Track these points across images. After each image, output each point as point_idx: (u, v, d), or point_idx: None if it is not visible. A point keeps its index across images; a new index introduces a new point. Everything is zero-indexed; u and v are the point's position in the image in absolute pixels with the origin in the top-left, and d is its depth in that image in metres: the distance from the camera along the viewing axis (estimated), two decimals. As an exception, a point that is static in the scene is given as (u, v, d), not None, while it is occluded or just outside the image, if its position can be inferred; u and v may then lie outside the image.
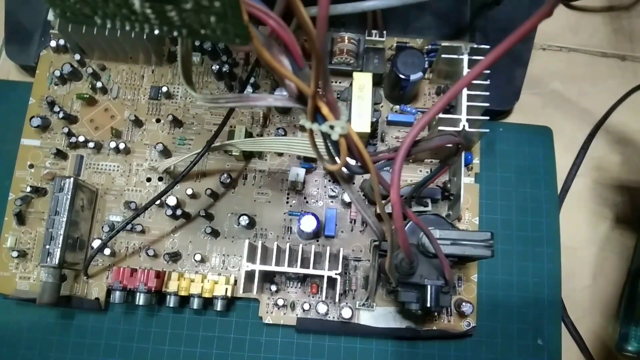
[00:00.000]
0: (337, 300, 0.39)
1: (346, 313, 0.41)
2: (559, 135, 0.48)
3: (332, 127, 0.23)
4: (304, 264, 0.39)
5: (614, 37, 0.52)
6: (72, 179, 0.39)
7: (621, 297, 0.45)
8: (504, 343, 0.43)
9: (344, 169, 0.26)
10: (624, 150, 0.49)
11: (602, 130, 0.49)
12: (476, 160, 0.45)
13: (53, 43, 0.45)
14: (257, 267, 0.38)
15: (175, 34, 0.18)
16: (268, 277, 0.42)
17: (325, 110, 0.22)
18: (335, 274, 0.38)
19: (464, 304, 0.41)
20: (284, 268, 0.38)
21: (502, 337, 0.43)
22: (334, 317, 0.42)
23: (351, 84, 0.40)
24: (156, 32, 0.18)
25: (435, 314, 0.42)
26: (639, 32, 0.52)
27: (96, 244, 0.42)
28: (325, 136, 0.24)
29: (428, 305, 0.34)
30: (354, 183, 0.44)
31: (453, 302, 0.42)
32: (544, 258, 0.45)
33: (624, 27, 0.52)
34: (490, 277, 0.44)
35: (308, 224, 0.40)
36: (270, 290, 0.42)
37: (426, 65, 0.42)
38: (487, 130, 0.40)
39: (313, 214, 0.41)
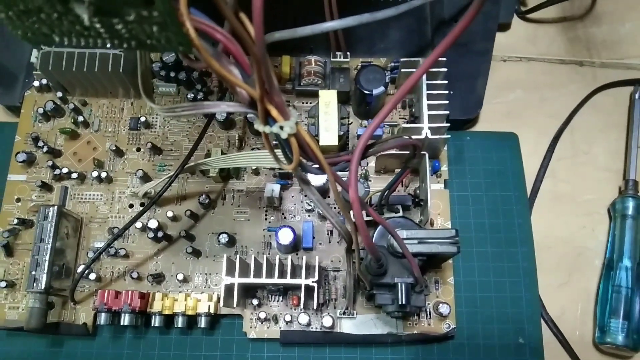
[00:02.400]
0: (314, 307, 0.40)
1: (327, 322, 0.42)
2: (525, 140, 0.50)
3: (282, 128, 0.25)
4: (283, 276, 0.41)
5: (570, 45, 0.54)
6: (55, 208, 0.41)
7: (597, 291, 0.46)
8: (486, 344, 0.44)
9: (301, 170, 0.28)
10: (589, 149, 0.51)
11: (566, 132, 0.51)
12: (444, 168, 0.47)
13: (36, 83, 0.47)
14: (236, 280, 0.39)
15: (125, 46, 0.20)
16: (250, 293, 0.43)
17: (274, 112, 0.24)
18: (312, 281, 0.39)
19: (441, 304, 0.42)
20: (262, 280, 0.40)
21: (484, 338, 0.44)
22: (316, 328, 0.43)
23: (318, 102, 0.43)
24: (108, 45, 0.20)
25: (416, 317, 0.43)
26: (594, 39, 0.55)
27: (81, 268, 0.43)
28: (278, 137, 0.26)
29: (400, 302, 0.35)
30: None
31: (431, 305, 0.43)
32: (518, 258, 0.46)
33: (579, 36, 0.55)
34: (467, 280, 0.45)
35: (285, 236, 0.42)
36: (253, 305, 0.43)
37: (388, 80, 0.44)
38: (449, 136, 0.42)
39: (290, 227, 0.42)
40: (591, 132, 0.51)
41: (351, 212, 0.29)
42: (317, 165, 0.29)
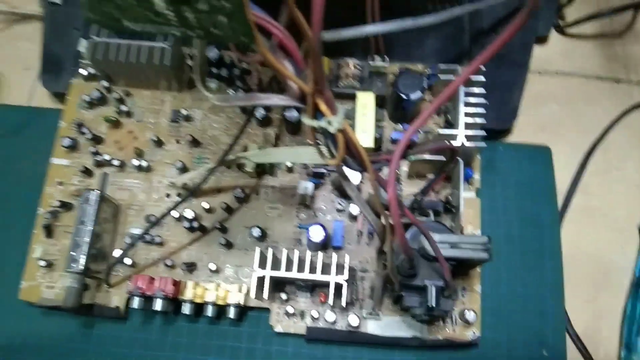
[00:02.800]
0: (343, 305, 0.40)
1: (353, 320, 0.42)
2: (558, 154, 0.50)
3: (329, 123, 0.26)
4: (312, 272, 0.41)
5: (608, 62, 0.54)
6: (97, 192, 0.42)
7: (624, 309, 0.46)
8: (510, 354, 0.44)
9: (343, 166, 0.29)
10: (622, 166, 0.51)
11: (600, 148, 0.51)
12: (476, 176, 0.47)
13: (83, 72, 0.49)
14: (268, 272, 0.40)
15: (190, 34, 0.21)
16: (279, 287, 0.44)
17: (323, 107, 0.25)
18: (343, 279, 0.40)
19: (467, 311, 0.42)
20: (293, 274, 0.40)
21: (508, 348, 0.44)
22: (341, 327, 0.44)
23: (355, 103, 0.44)
24: (176, 33, 0.21)
25: (441, 321, 0.43)
26: (633, 57, 0.55)
27: (117, 254, 0.44)
28: (324, 132, 0.27)
29: (429, 304, 0.36)
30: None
31: (457, 312, 0.43)
32: (546, 271, 0.46)
33: (617, 53, 0.55)
34: (494, 290, 0.46)
35: (316, 233, 0.43)
36: (281, 299, 0.44)
37: (425, 86, 0.45)
38: (484, 144, 0.42)
39: (321, 224, 0.43)
40: (624, 150, 0.51)
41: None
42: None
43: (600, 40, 0.55)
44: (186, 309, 0.43)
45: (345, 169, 0.43)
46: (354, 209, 0.45)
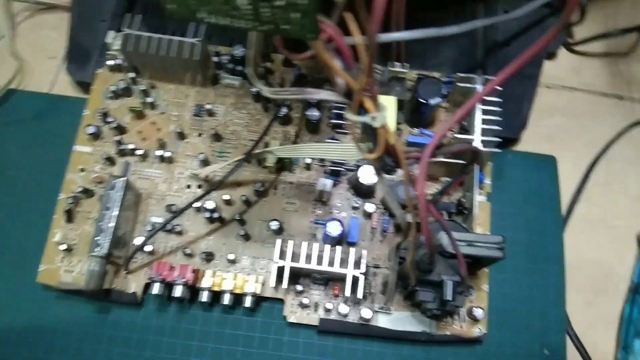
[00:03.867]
0: (360, 296, 0.42)
1: (366, 313, 0.44)
2: (563, 164, 0.52)
3: (373, 119, 0.27)
4: (330, 265, 0.43)
5: (613, 80, 0.57)
6: (124, 179, 0.44)
7: (622, 312, 0.48)
8: (513, 352, 0.46)
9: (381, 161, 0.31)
10: (624, 179, 0.53)
11: (603, 160, 0.53)
12: (488, 181, 0.49)
13: (110, 62, 0.50)
14: (288, 263, 0.41)
15: (260, 28, 0.23)
16: (294, 279, 0.46)
17: (368, 103, 0.27)
18: (359, 272, 0.41)
19: (475, 309, 0.44)
20: (313, 266, 0.42)
21: (511, 347, 0.46)
22: (354, 320, 0.45)
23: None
24: (245, 26, 0.23)
25: (449, 318, 0.45)
26: (636, 76, 0.57)
27: (137, 241, 0.45)
28: (366, 127, 0.28)
29: (445, 298, 0.37)
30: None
31: (466, 309, 0.45)
32: (549, 274, 0.48)
33: (622, 71, 0.57)
34: (500, 290, 0.48)
35: (334, 228, 0.44)
36: (296, 290, 0.45)
37: (445, 93, 0.47)
38: (499, 149, 0.45)
39: (338, 220, 0.45)
40: (626, 163, 0.54)
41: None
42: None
43: (606, 59, 0.58)
44: (204, 296, 0.44)
45: (362, 168, 0.45)
46: (369, 206, 0.47)
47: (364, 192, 0.47)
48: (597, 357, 0.47)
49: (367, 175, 0.45)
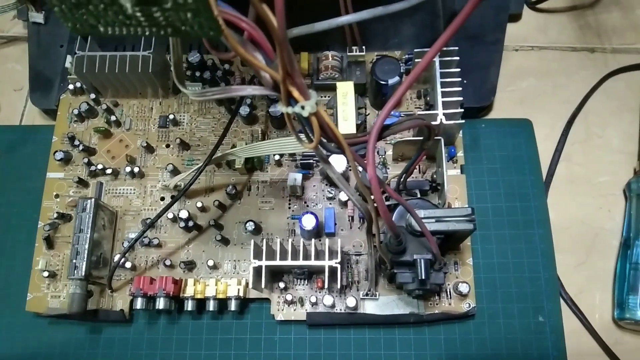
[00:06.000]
0: (339, 287, 0.42)
1: (350, 302, 0.44)
2: (539, 126, 0.51)
3: (302, 108, 0.27)
4: (307, 259, 0.43)
5: (581, 33, 0.56)
6: (92, 200, 0.44)
7: (615, 270, 0.47)
8: (506, 322, 0.45)
9: (322, 149, 0.30)
10: (602, 133, 0.52)
11: (580, 117, 0.52)
12: (460, 154, 0.48)
13: (71, 86, 0.50)
14: (264, 262, 0.41)
15: (162, 33, 0.22)
16: (277, 277, 0.45)
17: (295, 93, 0.27)
18: (335, 263, 0.41)
19: (460, 284, 0.44)
20: (288, 262, 0.42)
21: (504, 317, 0.46)
22: (340, 309, 0.45)
23: (335, 93, 0.45)
24: (147, 33, 0.22)
25: (436, 297, 0.44)
26: (605, 26, 0.56)
27: (117, 258, 0.46)
28: (300, 117, 0.28)
29: (419, 277, 0.37)
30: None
31: (451, 285, 0.45)
32: (536, 239, 0.48)
33: (590, 23, 0.56)
34: (486, 262, 0.47)
35: (308, 222, 0.44)
36: (279, 288, 0.45)
37: (403, 71, 0.46)
38: (463, 121, 0.44)
39: (312, 213, 0.44)
40: (604, 116, 0.52)
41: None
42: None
43: (572, 13, 0.57)
44: (189, 305, 0.44)
45: (333, 157, 0.45)
46: (344, 195, 0.47)
47: (332, 178, 0.47)
48: (595, 317, 0.46)
49: (338, 163, 0.45)
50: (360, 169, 0.32)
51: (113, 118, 0.50)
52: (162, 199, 0.48)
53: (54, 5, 0.21)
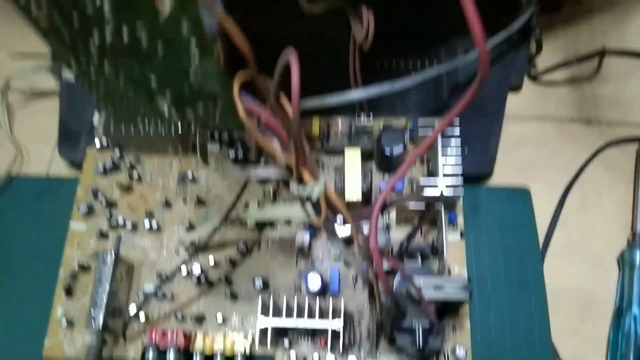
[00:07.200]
0: (340, 349, 0.44)
1: (352, 361, 0.46)
2: (537, 193, 0.54)
3: (311, 191, 0.30)
4: (311, 318, 0.45)
5: (578, 105, 0.59)
6: (112, 253, 0.47)
7: (608, 337, 0.48)
8: (502, 386, 0.47)
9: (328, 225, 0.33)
10: (598, 202, 0.54)
11: (576, 185, 0.55)
12: (460, 220, 0.51)
13: (97, 142, 0.54)
14: (270, 322, 0.43)
15: (192, 127, 0.26)
16: (282, 332, 0.48)
17: (306, 176, 0.30)
18: (337, 327, 0.43)
19: (457, 348, 0.45)
20: (293, 322, 0.44)
21: (500, 381, 0.47)
22: (342, 368, 0.47)
23: (343, 156, 0.48)
24: (178, 128, 0.26)
25: (434, 359, 0.46)
26: (601, 99, 0.59)
27: (132, 309, 0.48)
28: (309, 198, 0.31)
29: (416, 346, 0.39)
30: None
31: (449, 348, 0.46)
32: (531, 305, 0.49)
33: (587, 95, 0.59)
34: (484, 325, 0.49)
35: (313, 282, 0.46)
36: (284, 345, 0.47)
37: (407, 140, 0.49)
38: (462, 192, 0.46)
39: (318, 273, 0.47)
40: (600, 186, 0.55)
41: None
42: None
43: (571, 85, 0.60)
44: (197, 359, 0.47)
45: (336, 225, 0.48)
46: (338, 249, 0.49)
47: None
48: (588, 384, 0.47)
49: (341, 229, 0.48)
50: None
51: (135, 173, 0.53)
52: (178, 253, 0.51)
53: (101, 107, 0.24)
